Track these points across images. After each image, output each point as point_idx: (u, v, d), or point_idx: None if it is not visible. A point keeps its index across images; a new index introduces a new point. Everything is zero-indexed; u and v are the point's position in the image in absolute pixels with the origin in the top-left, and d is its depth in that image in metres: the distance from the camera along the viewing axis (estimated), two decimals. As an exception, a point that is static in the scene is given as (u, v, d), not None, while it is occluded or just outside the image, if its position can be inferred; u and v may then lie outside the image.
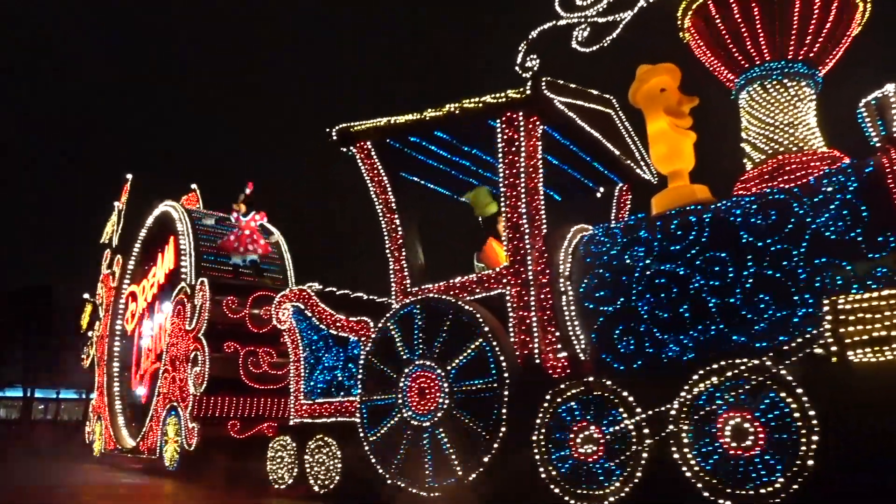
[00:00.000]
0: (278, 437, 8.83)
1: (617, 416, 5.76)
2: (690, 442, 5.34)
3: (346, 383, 8.56)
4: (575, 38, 8.17)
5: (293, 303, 9.31)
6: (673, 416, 5.44)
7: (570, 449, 5.92)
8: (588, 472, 5.81)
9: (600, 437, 5.79)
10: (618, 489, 5.60)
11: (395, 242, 8.30)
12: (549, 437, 6.06)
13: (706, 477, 5.19)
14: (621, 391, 5.78)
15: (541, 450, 6.08)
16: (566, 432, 5.99)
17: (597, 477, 5.75)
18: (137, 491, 10.87)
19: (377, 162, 8.47)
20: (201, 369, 10.93)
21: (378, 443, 7.34)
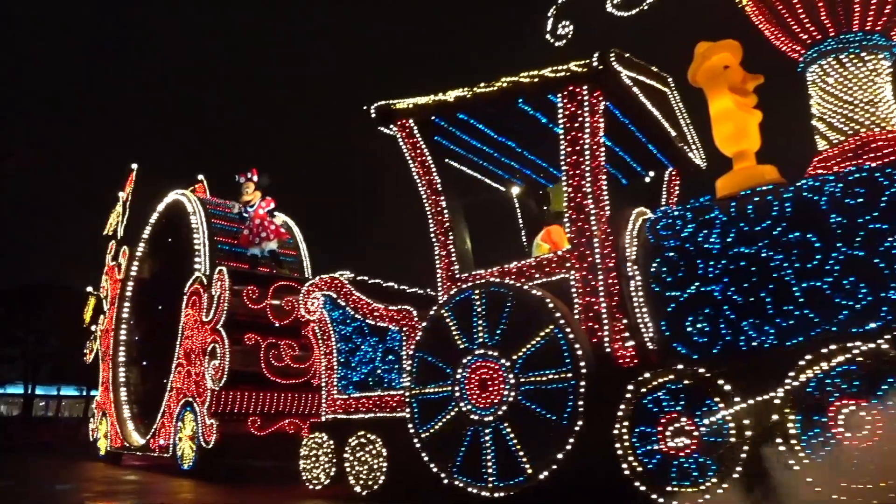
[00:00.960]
0: (313, 435, 8.12)
1: (712, 407, 5.19)
2: (798, 433, 4.81)
3: (385, 377, 7.89)
4: (610, 1, 7.55)
5: (324, 292, 8.61)
6: (777, 405, 4.90)
7: (658, 443, 5.36)
8: (680, 467, 5.24)
9: (693, 430, 5.23)
10: (715, 485, 5.04)
11: (441, 226, 7.66)
12: (632, 430, 5.50)
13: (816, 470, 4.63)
14: (717, 379, 5.23)
15: (623, 444, 5.51)
16: (653, 425, 5.44)
17: (690, 473, 5.19)
18: (152, 491, 10.13)
19: (420, 141, 7.85)
20: (220, 362, 10.18)
21: (432, 440, 6.70)
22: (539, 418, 6.01)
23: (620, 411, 5.56)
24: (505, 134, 8.21)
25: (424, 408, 6.84)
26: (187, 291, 11.80)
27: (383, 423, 7.50)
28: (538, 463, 5.93)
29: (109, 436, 14.94)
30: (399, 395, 7.62)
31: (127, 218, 17.13)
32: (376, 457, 7.33)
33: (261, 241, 11.66)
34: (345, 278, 8.54)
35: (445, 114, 7.72)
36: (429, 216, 7.79)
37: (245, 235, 11.89)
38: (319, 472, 7.87)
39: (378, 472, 7.25)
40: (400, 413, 7.46)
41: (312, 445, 8.05)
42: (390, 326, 7.94)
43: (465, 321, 6.71)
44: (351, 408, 8.10)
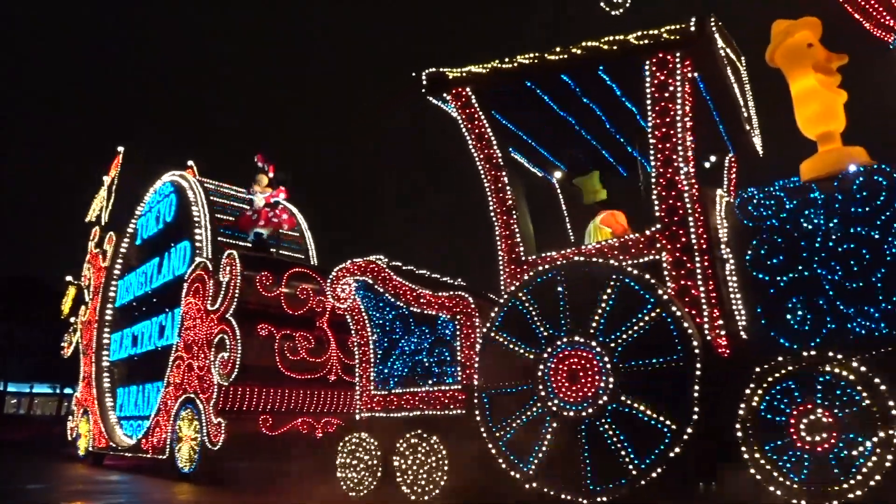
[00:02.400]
0: (353, 435, 7.00)
1: (855, 397, 4.44)
2: None
3: (435, 370, 6.83)
4: None
5: (357, 277, 7.52)
6: None
7: (790, 437, 4.58)
8: (817, 463, 4.47)
9: (832, 423, 4.47)
10: (860, 483, 4.30)
11: (504, 205, 6.71)
12: (758, 423, 4.71)
13: None
14: (861, 367, 4.48)
15: (748, 440, 4.69)
16: (782, 417, 4.64)
17: (830, 469, 4.43)
18: (139, 493, 8.87)
19: (479, 111, 6.89)
20: (230, 355, 8.97)
21: (510, 439, 5.68)
22: (646, 411, 5.10)
23: (743, 402, 4.76)
24: (567, 110, 7.30)
25: (499, 404, 5.85)
26: (188, 278, 10.53)
27: (442, 421, 6.46)
28: (645, 462, 5.03)
29: (92, 435, 13.48)
30: (453, 391, 6.61)
31: (113, 203, 15.73)
32: (435, 459, 6.26)
33: (265, 225, 10.51)
34: (382, 262, 7.48)
35: (511, 82, 6.75)
36: (488, 194, 6.84)
37: (247, 216, 10.68)
38: (362, 476, 6.76)
39: (437, 477, 6.19)
40: (455, 410, 6.48)
41: (352, 447, 6.94)
42: (440, 315, 6.91)
43: (549, 306, 5.75)
44: (392, 405, 7.02)
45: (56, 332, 30.52)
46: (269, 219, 10.58)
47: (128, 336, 13.39)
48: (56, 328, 30.78)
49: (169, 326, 11.66)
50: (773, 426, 4.68)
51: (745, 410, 4.77)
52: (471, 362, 6.55)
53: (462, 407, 6.49)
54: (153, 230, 13.23)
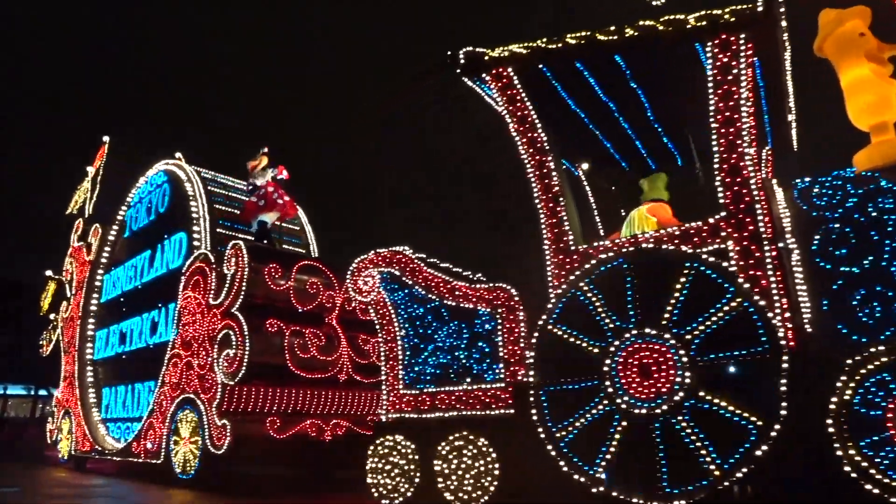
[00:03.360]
0: (386, 437, 6.32)
1: None
2: None
3: (475, 367, 6.21)
4: None
5: (382, 268, 6.87)
6: None
7: (887, 432, 4.17)
8: None
9: None
10: None
11: (550, 191, 6.15)
12: (852, 418, 4.28)
13: None
14: None
15: (842, 435, 4.25)
16: (878, 411, 4.23)
17: None
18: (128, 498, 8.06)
19: (522, 93, 6.33)
20: (237, 352, 8.20)
21: (572, 440, 5.12)
22: (726, 408, 4.62)
23: (835, 396, 4.33)
24: (611, 96, 6.80)
25: (558, 402, 5.29)
26: (187, 271, 9.72)
27: (488, 421, 5.84)
28: (728, 462, 4.54)
29: (75, 437, 12.50)
30: (495, 389, 6.01)
31: (98, 194, 14.74)
32: (483, 463, 5.63)
33: (269, 207, 9.73)
34: (409, 253, 6.86)
35: (560, 62, 6.20)
36: (532, 180, 6.27)
37: (251, 202, 9.90)
38: (398, 482, 6.08)
39: (487, 483, 5.56)
40: (498, 409, 5.89)
41: (385, 451, 6.26)
42: (479, 308, 6.31)
43: (615, 296, 5.23)
44: (424, 405, 6.39)
45: (30, 331, 29.12)
46: (273, 200, 9.78)
47: (115, 333, 12.46)
48: (29, 327, 29.41)
49: (163, 323, 10.82)
50: (868, 421, 4.24)
51: (837, 405, 4.32)
52: (516, 358, 6.00)
53: (507, 406, 5.91)
54: (144, 221, 12.34)
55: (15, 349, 30.55)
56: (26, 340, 28.37)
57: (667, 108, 6.91)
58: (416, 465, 6.03)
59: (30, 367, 28.60)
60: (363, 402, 9.59)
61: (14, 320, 31.45)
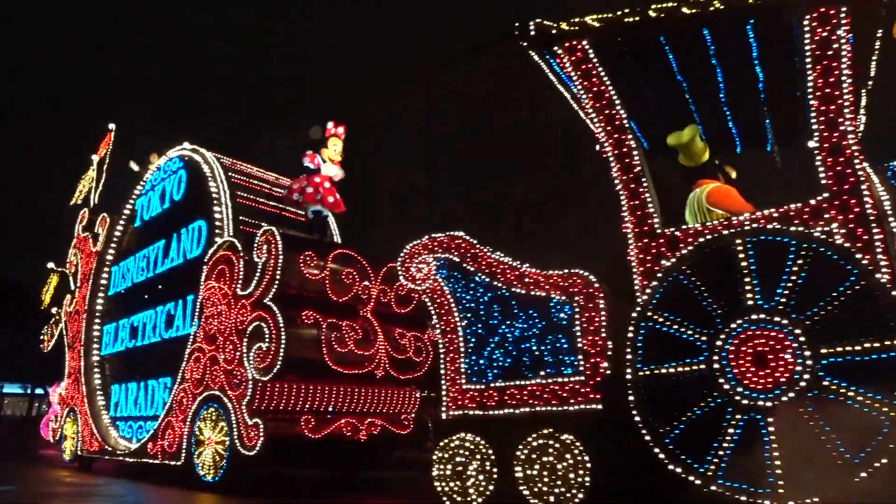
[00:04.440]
0: (457, 436, 5.67)
1: None
2: None
3: (549, 359, 5.60)
4: None
5: (438, 254, 6.25)
6: None
7: None
8: None
9: None
10: None
11: (631, 171, 5.61)
12: None
13: None
14: None
15: None
16: None
17: None
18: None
19: (598, 67, 5.77)
20: (272, 346, 7.50)
21: (677, 436, 4.55)
22: (854, 400, 4.11)
23: None
24: (684, 75, 6.26)
25: (660, 395, 4.72)
26: (210, 259, 8.99)
27: (579, 417, 5.22)
28: (856, 459, 4.03)
29: (81, 437, 11.69)
30: (573, 383, 5.40)
31: (104, 183, 13.95)
32: (572, 463, 5.02)
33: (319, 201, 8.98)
34: (469, 238, 6.24)
35: (639, 36, 5.66)
36: (611, 160, 5.70)
37: (297, 189, 9.13)
38: (469, 486, 5.43)
39: (579, 484, 4.94)
40: (578, 405, 5.30)
41: (453, 452, 5.61)
42: (553, 296, 5.70)
43: (722, 280, 4.68)
44: (491, 400, 5.75)
45: (26, 329, 28.16)
46: (325, 196, 9.04)
47: (125, 327, 11.65)
48: (26, 326, 28.44)
49: (179, 315, 10.05)
50: None
51: None
52: (597, 349, 5.41)
53: (589, 400, 5.30)
54: (157, 210, 11.55)
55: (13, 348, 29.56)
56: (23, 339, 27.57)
57: (743, 89, 6.43)
58: (494, 466, 5.39)
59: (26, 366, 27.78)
60: (399, 400, 8.92)
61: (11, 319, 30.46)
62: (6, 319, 31.10)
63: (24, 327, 27.39)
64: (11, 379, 34.33)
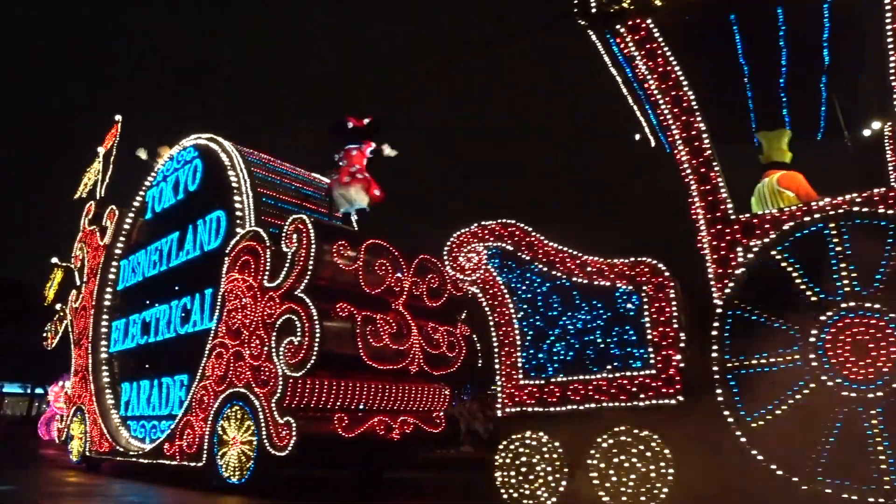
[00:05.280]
0: (522, 435, 5.31)
1: None
2: None
3: (616, 352, 5.27)
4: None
5: (489, 243, 5.92)
6: None
7: None
8: None
9: None
10: None
11: (701, 155, 5.31)
12: None
13: None
14: None
15: None
16: None
17: None
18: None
19: (664, 47, 5.48)
20: (305, 340, 7.11)
21: (770, 431, 4.26)
22: None
23: None
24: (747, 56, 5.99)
25: (751, 387, 4.41)
26: (233, 250, 8.58)
27: (658, 413, 4.88)
28: None
29: (90, 437, 11.22)
30: (643, 376, 5.06)
31: (110, 175, 13.49)
32: (653, 461, 4.69)
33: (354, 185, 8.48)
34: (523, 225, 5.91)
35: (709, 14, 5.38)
36: (678, 143, 5.39)
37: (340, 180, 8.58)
38: (537, 486, 5.09)
39: (659, 482, 4.61)
40: (648, 400, 4.97)
41: (519, 451, 5.25)
42: (619, 285, 5.37)
43: (815, 266, 4.38)
44: (553, 396, 5.39)
45: (26, 329, 27.58)
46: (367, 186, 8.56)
47: (136, 323, 11.18)
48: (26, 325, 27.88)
49: (197, 310, 9.62)
50: None
51: None
52: (668, 341, 5.08)
53: (661, 395, 4.96)
54: (170, 201, 11.09)
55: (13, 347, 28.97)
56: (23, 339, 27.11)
57: (806, 73, 6.16)
58: (565, 466, 5.05)
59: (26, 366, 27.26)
60: (430, 397, 8.56)
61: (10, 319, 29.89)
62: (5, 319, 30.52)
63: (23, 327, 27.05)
64: (11, 379, 33.67)
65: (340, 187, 8.36)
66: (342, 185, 8.35)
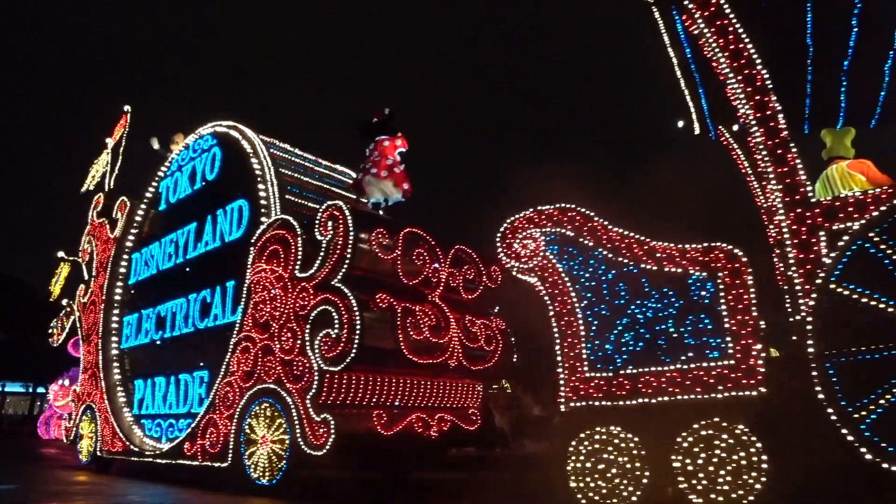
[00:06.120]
0: (596, 430, 5.05)
1: None
2: None
3: (691, 342, 5.02)
4: None
5: (547, 228, 5.67)
6: None
7: None
8: None
9: None
10: None
11: (777, 136, 5.11)
12: None
13: None
14: None
15: None
16: None
17: None
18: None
19: (737, 24, 5.29)
20: (342, 333, 6.82)
21: (876, 421, 4.06)
22: None
23: None
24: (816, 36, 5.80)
25: (850, 376, 4.17)
26: (260, 240, 8.27)
27: (749, 405, 4.63)
28: None
29: (101, 436, 10.88)
30: (721, 367, 4.82)
31: (119, 166, 13.15)
32: (744, 455, 4.44)
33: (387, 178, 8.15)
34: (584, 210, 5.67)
35: None
36: (752, 124, 5.17)
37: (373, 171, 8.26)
38: (616, 484, 4.82)
39: (752, 478, 4.36)
40: (728, 391, 4.73)
41: (593, 446, 4.98)
42: (692, 272, 5.13)
43: None
44: (623, 389, 5.13)
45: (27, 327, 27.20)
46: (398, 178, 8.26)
47: (149, 318, 10.84)
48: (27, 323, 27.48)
49: (217, 303, 9.29)
50: None
51: None
52: (747, 330, 4.84)
53: (738, 386, 4.70)
54: (186, 191, 10.76)
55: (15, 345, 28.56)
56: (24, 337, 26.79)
57: (878, 54, 5.96)
58: (645, 462, 4.80)
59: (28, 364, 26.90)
60: (466, 394, 8.30)
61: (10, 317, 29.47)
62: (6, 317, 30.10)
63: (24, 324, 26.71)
64: (13, 378, 33.23)
65: (376, 180, 8.06)
66: (379, 178, 8.05)
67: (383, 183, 7.97)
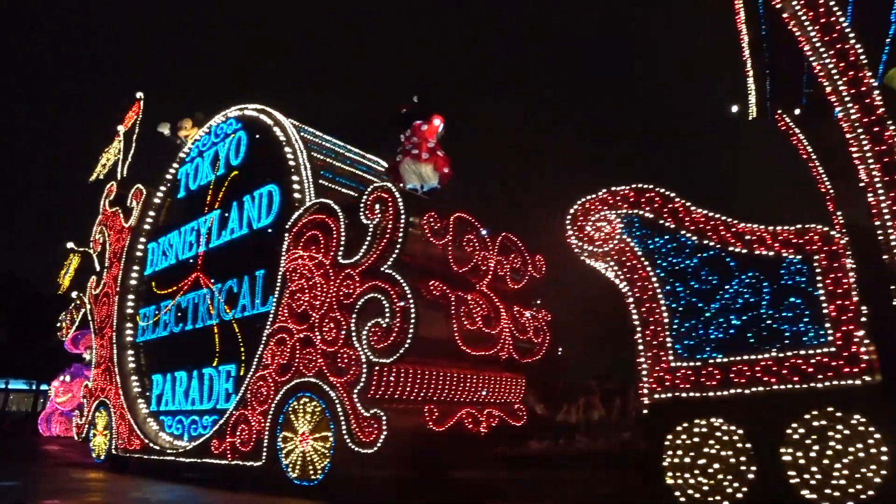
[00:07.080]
0: (694, 423, 4.84)
1: None
2: None
3: (788, 329, 4.81)
4: None
5: (623, 210, 5.46)
6: None
7: None
8: None
9: None
10: None
11: (873, 113, 4.96)
12: None
13: None
14: None
15: None
16: None
17: None
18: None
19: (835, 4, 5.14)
20: (394, 323, 6.57)
21: None
22: None
23: None
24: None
25: None
26: (296, 225, 7.99)
27: (866, 395, 4.41)
28: None
29: (117, 433, 10.56)
30: (820, 355, 4.62)
31: (132, 154, 12.84)
32: (862, 448, 4.24)
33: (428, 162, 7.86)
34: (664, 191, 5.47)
35: None
36: (846, 100, 4.99)
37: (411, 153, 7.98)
38: (719, 480, 4.61)
39: (871, 472, 4.16)
40: (829, 381, 4.53)
41: (694, 439, 4.76)
42: (785, 255, 4.94)
43: None
44: (713, 379, 4.91)
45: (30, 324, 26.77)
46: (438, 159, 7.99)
47: (168, 310, 10.60)
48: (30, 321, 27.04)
49: (245, 293, 9.00)
50: None
51: None
52: (848, 315, 4.64)
53: (840, 375, 4.48)
54: (207, 177, 10.43)
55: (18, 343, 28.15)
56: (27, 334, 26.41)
57: None
58: (751, 456, 4.60)
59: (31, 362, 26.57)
60: (512, 388, 8.07)
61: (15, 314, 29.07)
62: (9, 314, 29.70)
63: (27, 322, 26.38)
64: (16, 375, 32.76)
65: (415, 163, 7.80)
66: (420, 161, 7.79)
67: (423, 166, 7.70)
